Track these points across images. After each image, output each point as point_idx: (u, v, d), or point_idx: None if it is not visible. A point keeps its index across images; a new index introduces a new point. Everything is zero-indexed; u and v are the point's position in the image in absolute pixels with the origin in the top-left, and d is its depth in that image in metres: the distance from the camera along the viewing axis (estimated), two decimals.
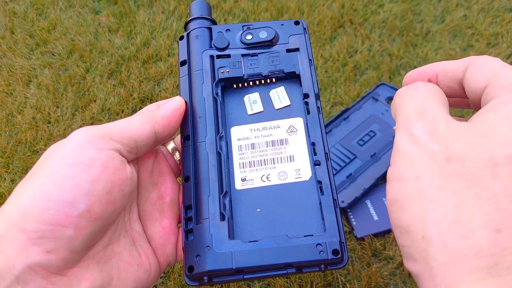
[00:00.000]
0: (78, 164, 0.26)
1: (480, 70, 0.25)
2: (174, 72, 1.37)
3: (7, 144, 1.25)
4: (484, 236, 0.19)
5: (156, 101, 1.28)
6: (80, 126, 1.27)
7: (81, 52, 1.45)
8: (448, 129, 0.23)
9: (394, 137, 0.25)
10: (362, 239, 0.95)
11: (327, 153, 0.34)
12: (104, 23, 1.52)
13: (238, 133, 0.35)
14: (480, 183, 0.20)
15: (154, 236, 0.32)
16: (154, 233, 0.32)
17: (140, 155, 0.31)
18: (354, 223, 0.95)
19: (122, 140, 0.29)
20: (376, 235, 0.94)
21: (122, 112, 1.29)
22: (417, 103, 0.25)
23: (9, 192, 1.15)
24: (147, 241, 0.32)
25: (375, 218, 0.96)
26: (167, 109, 0.33)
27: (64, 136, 1.24)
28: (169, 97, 1.32)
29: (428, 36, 1.45)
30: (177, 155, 0.37)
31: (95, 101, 1.33)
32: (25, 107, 1.33)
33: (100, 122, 1.28)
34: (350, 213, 0.97)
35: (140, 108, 1.30)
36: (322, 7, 1.52)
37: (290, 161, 0.33)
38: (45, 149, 1.21)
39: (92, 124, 1.27)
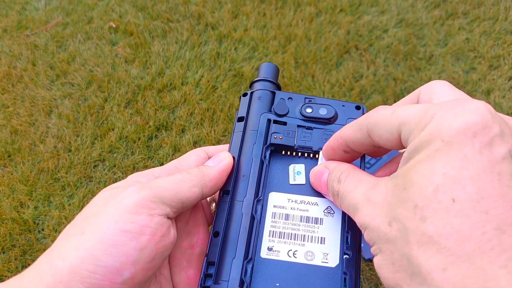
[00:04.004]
0: (129, 232, 0.27)
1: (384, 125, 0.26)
2: (188, 100, 1.43)
3: (30, 172, 1.31)
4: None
5: (172, 129, 1.36)
6: (99, 154, 1.35)
7: (99, 82, 1.52)
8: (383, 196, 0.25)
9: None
10: (370, 260, 0.97)
11: (360, 246, 0.33)
12: (120, 54, 1.59)
13: (275, 200, 0.34)
14: (416, 232, 0.22)
15: (178, 283, 0.33)
16: (179, 281, 0.33)
17: (183, 211, 0.32)
18: (362, 244, 0.98)
19: (172, 203, 0.30)
20: None
21: (139, 139, 1.35)
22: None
23: (33, 219, 1.21)
24: None
25: None
26: (216, 170, 0.33)
27: (84, 164, 1.31)
28: (183, 125, 1.34)
29: (431, 60, 1.49)
30: (213, 206, 0.37)
31: (113, 129, 1.39)
32: (47, 137, 1.40)
33: (118, 149, 1.34)
34: None
35: (156, 136, 1.36)
36: (328, 34, 1.58)
37: (320, 243, 0.32)
38: (66, 177, 1.28)
39: (111, 151, 1.34)
